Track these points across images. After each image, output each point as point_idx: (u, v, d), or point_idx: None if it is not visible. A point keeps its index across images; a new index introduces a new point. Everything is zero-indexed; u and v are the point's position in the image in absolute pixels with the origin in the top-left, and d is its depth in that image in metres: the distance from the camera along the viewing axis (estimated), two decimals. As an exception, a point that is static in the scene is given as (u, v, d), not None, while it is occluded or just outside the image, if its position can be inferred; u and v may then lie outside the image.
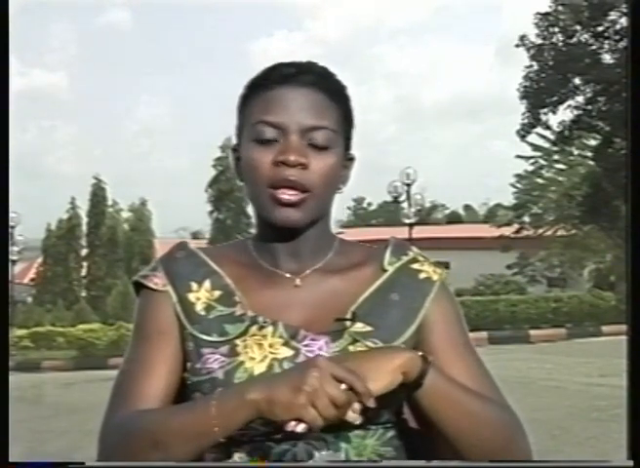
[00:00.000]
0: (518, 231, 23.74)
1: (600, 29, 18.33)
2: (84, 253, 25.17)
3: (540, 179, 24.33)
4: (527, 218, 24.07)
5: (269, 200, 1.02)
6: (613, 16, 18.05)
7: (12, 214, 17.25)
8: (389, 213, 41.05)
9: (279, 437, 0.96)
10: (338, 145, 1.05)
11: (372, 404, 0.89)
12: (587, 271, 23.59)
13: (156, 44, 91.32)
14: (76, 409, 8.92)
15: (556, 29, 18.70)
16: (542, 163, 24.15)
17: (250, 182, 1.05)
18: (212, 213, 27.24)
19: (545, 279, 24.44)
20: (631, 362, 1.16)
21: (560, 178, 23.60)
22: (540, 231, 23.68)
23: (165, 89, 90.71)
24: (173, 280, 1.07)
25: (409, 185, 19.31)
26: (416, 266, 1.09)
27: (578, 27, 18.51)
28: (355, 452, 0.99)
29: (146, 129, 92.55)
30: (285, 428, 0.88)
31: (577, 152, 23.11)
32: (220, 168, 26.40)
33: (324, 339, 1.01)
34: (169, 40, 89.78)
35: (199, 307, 1.05)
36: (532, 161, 24.11)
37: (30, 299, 25.01)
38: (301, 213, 1.02)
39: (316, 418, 0.86)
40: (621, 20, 17.73)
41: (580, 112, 19.13)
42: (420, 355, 0.95)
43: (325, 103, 1.04)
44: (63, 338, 17.41)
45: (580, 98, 19.15)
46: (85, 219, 25.24)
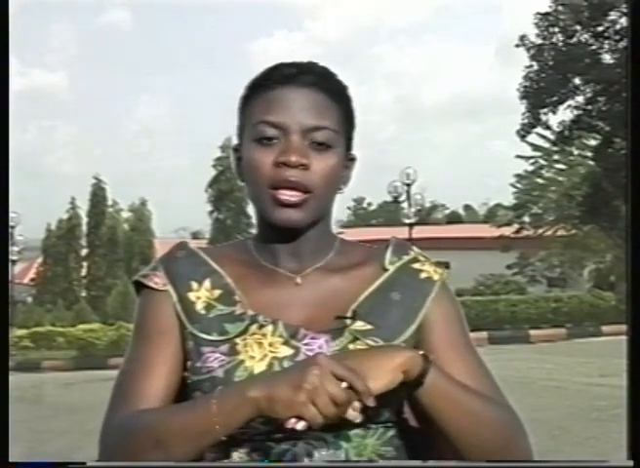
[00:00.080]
0: (518, 231, 23.73)
1: (600, 29, 18.34)
2: (84, 253, 25.15)
3: (540, 179, 24.32)
4: (527, 218, 24.06)
5: (270, 200, 1.02)
6: (613, 16, 18.07)
7: (12, 214, 17.25)
8: (389, 213, 41.03)
9: (279, 436, 0.96)
10: (339, 146, 1.05)
11: (372, 402, 0.89)
12: (587, 271, 23.59)
13: (156, 44, 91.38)
14: (76, 409, 8.92)
15: (556, 29, 18.70)
16: (542, 163, 24.15)
17: (251, 183, 1.05)
18: (212, 213, 27.22)
19: (545, 279, 24.44)
20: (631, 362, 1.16)
21: (560, 178, 23.60)
22: (540, 231, 23.68)
23: (165, 89, 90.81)
24: (173, 279, 1.07)
25: (409, 185, 19.31)
26: (416, 266, 1.09)
27: (578, 27, 18.52)
28: (355, 452, 0.98)
29: (146, 129, 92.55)
30: (285, 426, 0.88)
31: (577, 152, 23.12)
32: (221, 168, 26.38)
33: (324, 338, 1.01)
34: (169, 40, 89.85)
35: (199, 306, 1.05)
36: (532, 161, 24.12)
37: (30, 299, 24.99)
38: (302, 213, 1.02)
39: (316, 416, 0.87)
40: (621, 20, 17.74)
41: (580, 112, 19.13)
42: (421, 354, 0.95)
43: (326, 104, 1.04)
44: (63, 338, 17.41)
45: (580, 98, 19.17)
46: (85, 219, 25.23)
